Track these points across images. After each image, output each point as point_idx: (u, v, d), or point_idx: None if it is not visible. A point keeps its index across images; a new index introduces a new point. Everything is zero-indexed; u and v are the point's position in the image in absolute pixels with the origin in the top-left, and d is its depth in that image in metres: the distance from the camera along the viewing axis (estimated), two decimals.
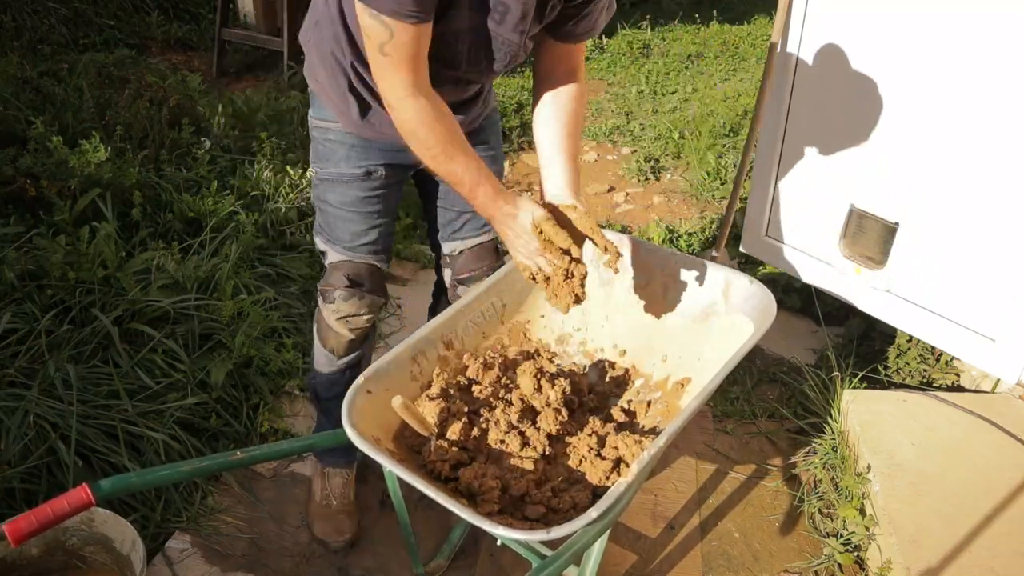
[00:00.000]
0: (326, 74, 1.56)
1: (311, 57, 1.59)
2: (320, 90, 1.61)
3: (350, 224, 1.69)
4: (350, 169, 1.64)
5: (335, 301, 1.72)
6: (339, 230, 1.70)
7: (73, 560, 1.56)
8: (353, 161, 1.63)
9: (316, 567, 1.84)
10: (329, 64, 1.54)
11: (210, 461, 1.35)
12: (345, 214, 1.68)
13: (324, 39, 1.52)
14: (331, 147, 1.64)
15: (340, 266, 1.72)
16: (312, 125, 1.68)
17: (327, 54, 1.53)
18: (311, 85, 1.63)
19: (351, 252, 1.71)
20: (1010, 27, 1.78)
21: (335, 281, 1.72)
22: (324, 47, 1.53)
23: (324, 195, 1.69)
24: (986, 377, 2.25)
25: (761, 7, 7.39)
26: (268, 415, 2.20)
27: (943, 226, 2.04)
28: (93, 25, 4.83)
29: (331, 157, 1.65)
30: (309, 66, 1.61)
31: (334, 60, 1.52)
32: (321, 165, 1.68)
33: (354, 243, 1.70)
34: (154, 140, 3.20)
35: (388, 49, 1.27)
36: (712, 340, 1.57)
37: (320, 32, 1.53)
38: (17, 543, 1.14)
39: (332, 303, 1.73)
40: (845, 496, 1.99)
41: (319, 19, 1.53)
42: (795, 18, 2.23)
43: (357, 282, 1.72)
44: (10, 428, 1.77)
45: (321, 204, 1.71)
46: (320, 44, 1.54)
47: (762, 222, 2.53)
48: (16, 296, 2.14)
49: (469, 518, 1.14)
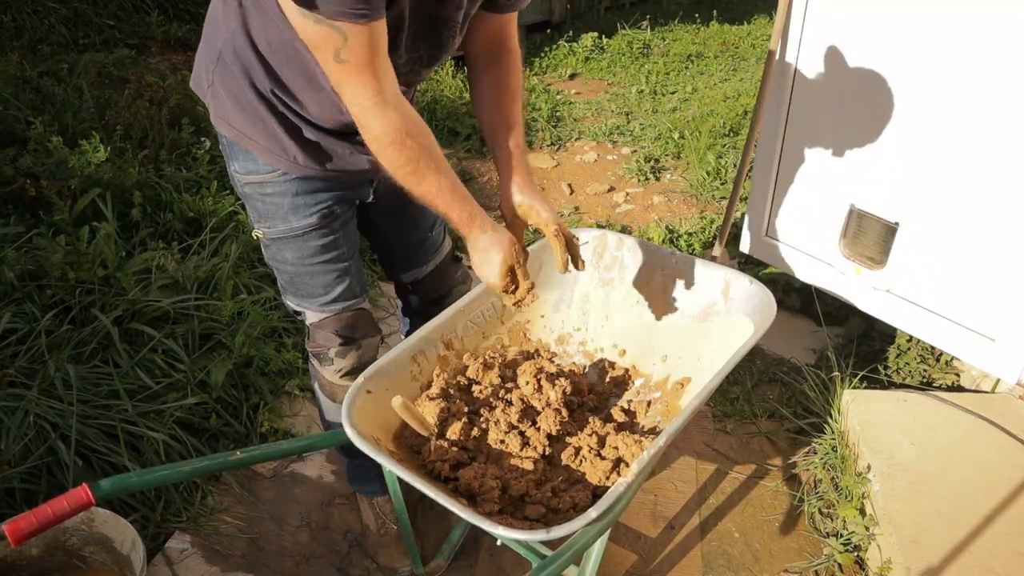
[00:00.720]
0: (245, 118, 1.38)
1: (220, 102, 1.40)
2: (240, 138, 1.41)
3: (318, 277, 1.53)
4: (301, 221, 1.47)
5: (332, 361, 1.60)
6: (308, 287, 1.54)
7: (73, 560, 1.56)
8: (302, 211, 1.46)
9: (316, 567, 1.84)
10: (248, 103, 1.36)
11: (210, 461, 1.35)
12: (310, 269, 1.52)
13: (233, 76, 1.35)
14: (273, 202, 1.46)
15: (324, 324, 1.58)
16: (241, 183, 1.48)
17: (242, 92, 1.36)
18: (228, 135, 1.43)
19: (329, 307, 1.56)
20: (1010, 27, 1.78)
21: (324, 341, 1.59)
22: (236, 85, 1.35)
23: (279, 255, 1.52)
24: (986, 377, 2.25)
25: (761, 7, 7.40)
26: (268, 415, 2.21)
27: (943, 226, 2.04)
28: (93, 25, 4.83)
29: (275, 214, 1.47)
30: (220, 114, 1.41)
31: (255, 96, 1.35)
32: (267, 224, 1.49)
33: (329, 296, 1.55)
34: (154, 140, 3.20)
35: (344, 55, 1.15)
36: (712, 340, 1.57)
37: (225, 70, 1.35)
38: (17, 543, 1.14)
39: (330, 364, 1.60)
40: (845, 496, 1.99)
41: (220, 55, 1.35)
42: (795, 18, 2.23)
43: (349, 336, 1.59)
44: (10, 428, 1.77)
45: (279, 265, 1.54)
46: (229, 83, 1.36)
47: (762, 222, 2.53)
48: (16, 296, 2.14)
49: (469, 518, 1.14)
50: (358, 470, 1.92)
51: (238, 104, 1.37)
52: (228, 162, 1.48)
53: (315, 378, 1.69)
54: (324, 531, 1.93)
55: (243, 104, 1.37)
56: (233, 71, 1.34)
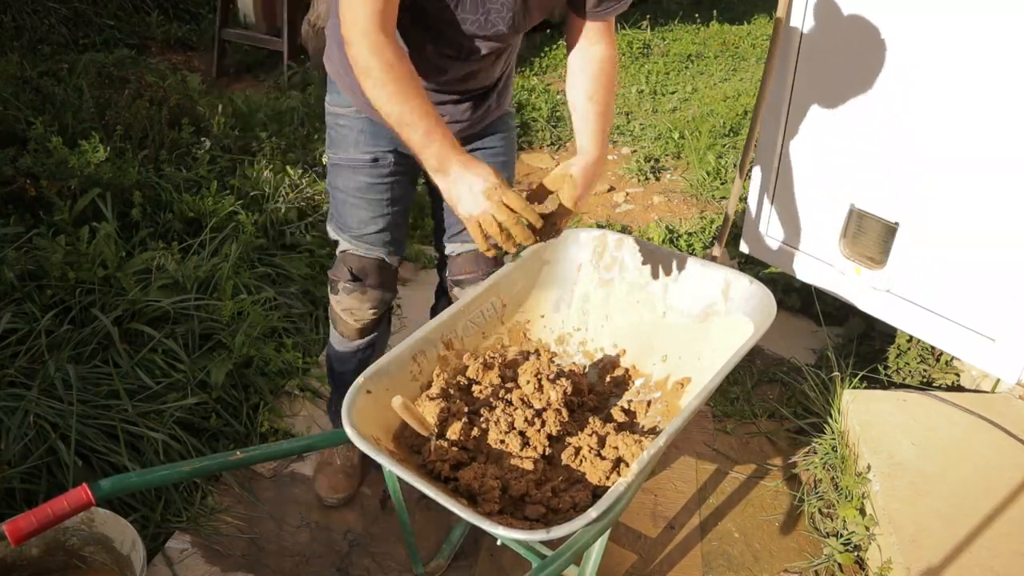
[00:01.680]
0: (342, 59, 1.53)
1: (330, 42, 1.62)
2: (335, 72, 1.63)
3: (357, 211, 1.69)
4: (358, 154, 1.65)
5: (339, 293, 1.75)
6: (347, 216, 1.71)
7: (73, 560, 1.56)
8: (362, 146, 1.65)
9: (316, 567, 1.84)
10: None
11: (210, 461, 1.35)
12: (353, 200, 1.69)
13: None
14: (342, 132, 1.66)
15: (346, 258, 1.73)
16: (327, 111, 1.70)
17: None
18: (328, 69, 1.66)
19: (358, 241, 1.71)
20: (1010, 27, 1.78)
21: (340, 273, 1.74)
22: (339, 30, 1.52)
23: (334, 180, 1.70)
24: (986, 377, 2.25)
25: (761, 7, 7.39)
26: (268, 415, 2.20)
27: (943, 226, 2.04)
28: (93, 25, 4.83)
29: (342, 143, 1.67)
30: (327, 51, 1.64)
31: None
32: (333, 150, 1.69)
33: (361, 231, 1.71)
34: (154, 140, 3.20)
35: None
36: (712, 340, 1.57)
37: (335, 17, 1.53)
38: (17, 543, 1.14)
39: (336, 294, 1.76)
40: (845, 496, 1.99)
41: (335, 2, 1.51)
42: (795, 18, 2.23)
43: (360, 277, 1.73)
44: (10, 428, 1.77)
45: (332, 190, 1.73)
46: (335, 29, 1.55)
47: (762, 222, 2.53)
48: (16, 296, 2.14)
49: (469, 518, 1.14)
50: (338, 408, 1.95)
51: (340, 47, 1.47)
52: (327, 95, 1.70)
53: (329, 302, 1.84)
54: (324, 531, 1.93)
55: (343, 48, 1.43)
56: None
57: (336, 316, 1.82)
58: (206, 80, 4.59)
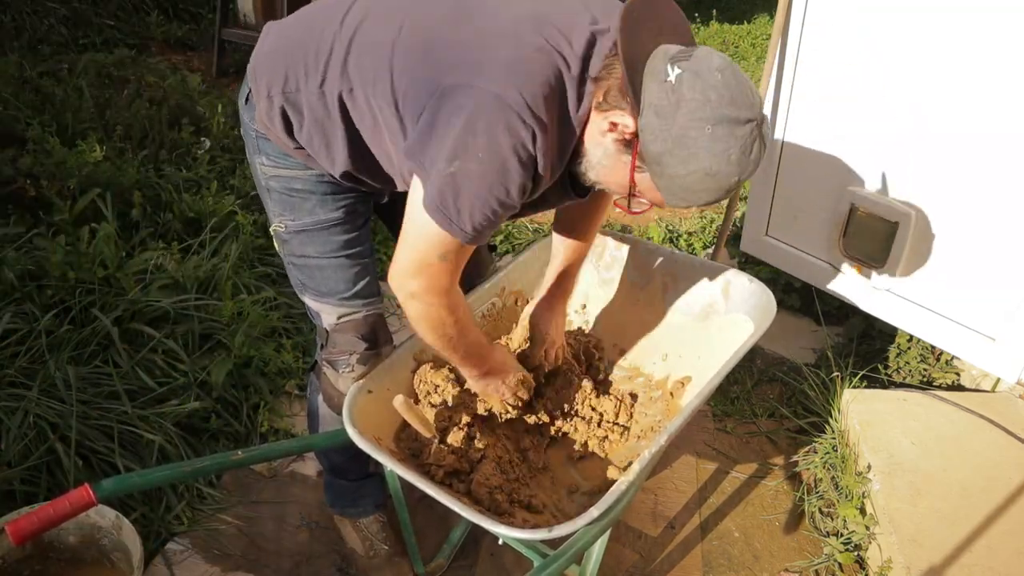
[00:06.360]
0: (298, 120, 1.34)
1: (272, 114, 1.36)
2: (280, 141, 1.39)
3: (341, 271, 1.47)
4: (328, 214, 1.44)
5: (353, 368, 1.50)
6: (330, 281, 1.47)
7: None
8: (330, 204, 1.43)
9: (316, 567, 1.84)
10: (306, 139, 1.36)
11: (211, 461, 1.35)
12: (334, 262, 1.47)
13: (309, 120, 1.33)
14: (301, 195, 1.43)
15: (344, 327, 1.50)
16: (267, 175, 1.44)
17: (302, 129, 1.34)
18: (270, 136, 1.40)
19: (350, 303, 1.49)
20: (1010, 26, 1.78)
21: (347, 346, 1.50)
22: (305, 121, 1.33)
23: (301, 250, 1.46)
24: (986, 376, 2.25)
25: (761, 6, 7.40)
26: (268, 415, 2.20)
27: (943, 226, 2.04)
28: (93, 25, 4.82)
29: (303, 206, 1.43)
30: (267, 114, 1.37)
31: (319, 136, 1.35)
32: (291, 216, 1.44)
33: (351, 290, 1.48)
34: (154, 140, 3.20)
35: (451, 257, 1.20)
36: (712, 339, 1.57)
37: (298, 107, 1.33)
38: (19, 542, 1.15)
39: (350, 371, 1.50)
40: (845, 495, 1.99)
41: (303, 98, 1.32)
42: (795, 17, 2.23)
43: (373, 340, 1.51)
44: (10, 428, 1.77)
45: (298, 260, 1.48)
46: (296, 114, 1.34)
47: (762, 222, 2.53)
48: (16, 296, 2.14)
49: (471, 517, 1.14)
50: (341, 490, 1.81)
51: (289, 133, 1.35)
52: (253, 155, 1.45)
53: (318, 390, 1.58)
54: (324, 531, 1.93)
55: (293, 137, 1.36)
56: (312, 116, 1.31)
57: (338, 395, 1.52)
58: (206, 80, 4.58)
